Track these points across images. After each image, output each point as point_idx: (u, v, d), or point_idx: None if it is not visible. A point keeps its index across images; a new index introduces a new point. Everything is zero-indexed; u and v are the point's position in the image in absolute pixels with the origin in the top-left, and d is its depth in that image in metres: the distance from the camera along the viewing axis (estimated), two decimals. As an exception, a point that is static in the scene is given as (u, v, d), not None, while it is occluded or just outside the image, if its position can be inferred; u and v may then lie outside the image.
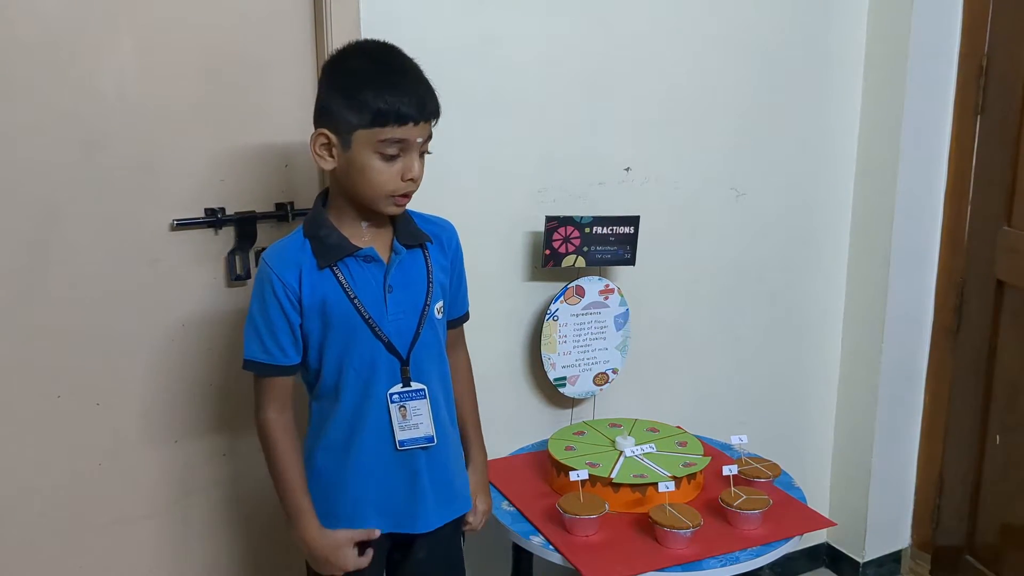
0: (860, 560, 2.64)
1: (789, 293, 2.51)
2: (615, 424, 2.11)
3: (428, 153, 1.50)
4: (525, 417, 2.19)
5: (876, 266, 2.47)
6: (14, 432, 1.75)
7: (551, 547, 1.72)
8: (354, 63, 1.47)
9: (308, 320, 1.51)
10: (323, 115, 1.46)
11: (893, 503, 2.65)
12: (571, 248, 2.06)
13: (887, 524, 2.65)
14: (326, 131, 1.45)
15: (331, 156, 1.46)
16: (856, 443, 2.60)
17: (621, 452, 1.95)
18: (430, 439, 1.57)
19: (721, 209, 2.34)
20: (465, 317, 1.73)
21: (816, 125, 2.43)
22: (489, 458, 1.79)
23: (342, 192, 1.51)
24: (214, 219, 1.83)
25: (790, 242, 2.47)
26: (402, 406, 1.55)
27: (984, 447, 2.41)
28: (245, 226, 1.86)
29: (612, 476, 1.84)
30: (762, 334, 2.49)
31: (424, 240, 1.58)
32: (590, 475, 1.81)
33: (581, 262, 2.08)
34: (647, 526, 1.75)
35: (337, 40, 1.81)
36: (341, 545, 1.55)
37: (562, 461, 1.89)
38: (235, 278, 1.86)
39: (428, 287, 1.57)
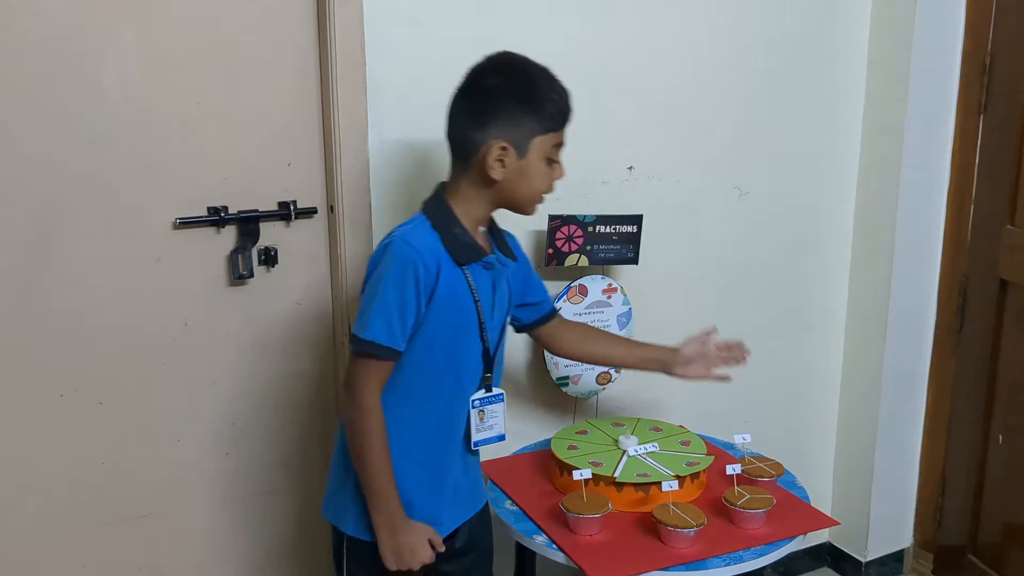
0: (863, 559, 2.64)
1: (792, 292, 2.50)
2: (618, 423, 2.11)
3: None
4: (528, 416, 2.19)
5: (879, 265, 2.47)
6: (16, 431, 1.75)
7: (555, 546, 1.72)
8: (525, 73, 1.53)
9: (431, 312, 1.52)
10: (501, 126, 1.50)
11: (896, 502, 2.64)
12: (574, 247, 2.05)
13: (890, 523, 2.65)
14: (504, 142, 1.50)
15: (503, 166, 1.51)
16: (859, 442, 2.59)
17: (624, 451, 1.95)
18: (502, 437, 1.68)
19: (724, 208, 2.34)
20: (555, 310, 1.85)
21: (819, 124, 2.43)
22: (492, 457, 1.79)
23: (486, 198, 1.56)
24: (217, 218, 1.83)
25: (793, 241, 2.47)
26: (481, 410, 1.63)
27: (987, 446, 2.41)
28: (248, 225, 1.86)
29: (615, 475, 1.84)
30: (765, 333, 2.48)
31: (513, 259, 1.66)
32: (593, 474, 1.81)
33: (584, 261, 2.07)
34: (651, 525, 1.74)
35: (340, 38, 1.81)
36: (425, 536, 1.56)
37: (565, 460, 1.89)
38: (238, 276, 1.86)
39: (508, 302, 1.68)
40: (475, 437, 1.65)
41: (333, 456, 1.67)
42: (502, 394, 1.67)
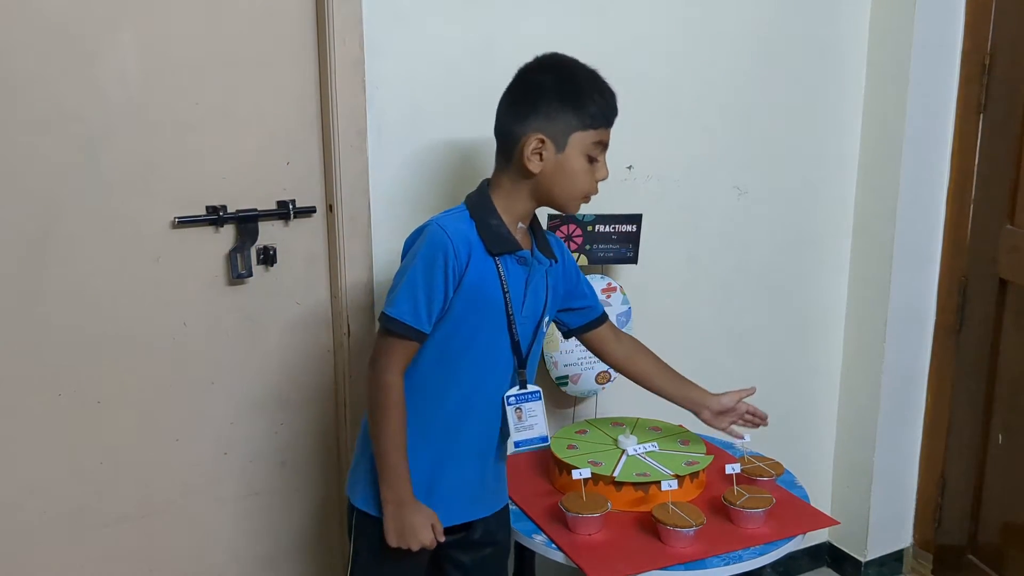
0: (862, 559, 2.64)
1: (791, 292, 2.50)
2: (617, 423, 2.11)
3: None
4: (527, 416, 2.18)
5: (878, 265, 2.47)
6: (15, 430, 1.75)
7: (554, 546, 1.72)
8: (571, 71, 1.57)
9: (459, 297, 1.54)
10: (540, 119, 1.53)
11: (895, 502, 2.64)
12: (573, 246, 2.05)
13: (889, 523, 2.65)
14: (542, 135, 1.52)
15: (540, 159, 1.53)
16: (858, 442, 2.59)
17: (623, 451, 1.95)
18: (545, 439, 1.67)
19: (723, 207, 2.34)
20: (604, 316, 1.85)
21: (818, 123, 2.43)
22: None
23: (526, 192, 1.58)
24: (215, 217, 1.82)
25: (792, 240, 2.47)
26: (518, 408, 1.63)
27: (986, 446, 2.41)
28: (246, 224, 1.85)
29: (615, 475, 1.84)
30: (764, 333, 2.48)
31: (552, 259, 1.66)
32: (593, 474, 1.81)
33: (583, 260, 2.07)
34: (650, 525, 1.74)
35: (339, 37, 1.81)
36: (428, 520, 1.57)
37: (564, 460, 1.88)
38: (236, 276, 1.86)
39: (545, 303, 1.66)
40: (515, 437, 1.64)
41: (359, 434, 1.69)
42: (539, 391, 1.66)
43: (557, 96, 1.53)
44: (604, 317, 1.86)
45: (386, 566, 1.63)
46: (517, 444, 1.65)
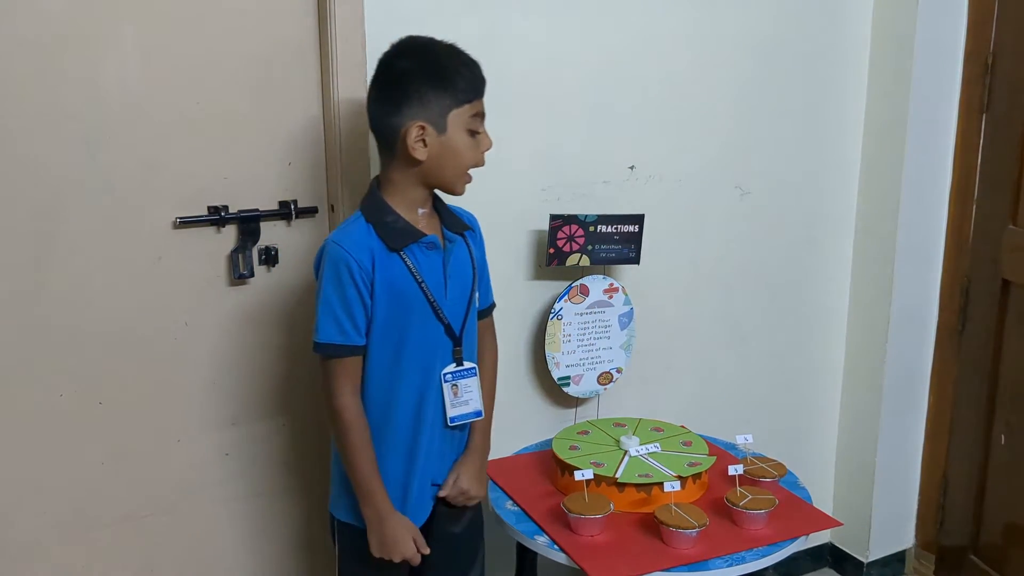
0: (864, 560, 2.63)
1: (793, 292, 2.50)
2: (619, 423, 2.10)
3: None
4: (529, 417, 2.18)
5: (881, 265, 2.47)
6: (16, 430, 1.74)
7: (556, 547, 1.72)
8: (431, 51, 1.56)
9: (377, 302, 1.55)
10: (414, 106, 1.52)
11: (897, 503, 2.64)
12: (575, 247, 2.05)
13: (891, 524, 2.64)
14: (421, 121, 1.51)
15: (425, 145, 1.53)
16: (860, 443, 2.59)
17: (626, 452, 1.94)
18: (479, 413, 1.68)
19: (725, 207, 2.33)
20: (491, 307, 1.79)
21: (821, 123, 2.42)
22: (493, 457, 1.78)
23: (415, 180, 1.58)
24: (217, 217, 1.82)
25: (794, 241, 2.46)
26: (454, 384, 1.64)
27: (989, 447, 2.41)
28: (248, 224, 1.85)
29: (617, 476, 1.83)
30: (766, 333, 2.48)
31: (465, 229, 1.66)
32: (595, 475, 1.80)
33: (585, 261, 2.07)
34: (652, 526, 1.74)
35: (341, 37, 1.81)
36: (410, 534, 1.60)
37: (566, 461, 1.88)
38: (238, 276, 1.85)
39: (473, 274, 1.67)
40: (450, 413, 1.65)
41: (332, 449, 1.71)
42: (474, 368, 1.67)
43: (425, 79, 1.52)
44: (488, 311, 1.78)
45: (371, 572, 1.65)
46: (452, 420, 1.65)
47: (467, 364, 1.66)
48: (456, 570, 1.76)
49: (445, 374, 1.63)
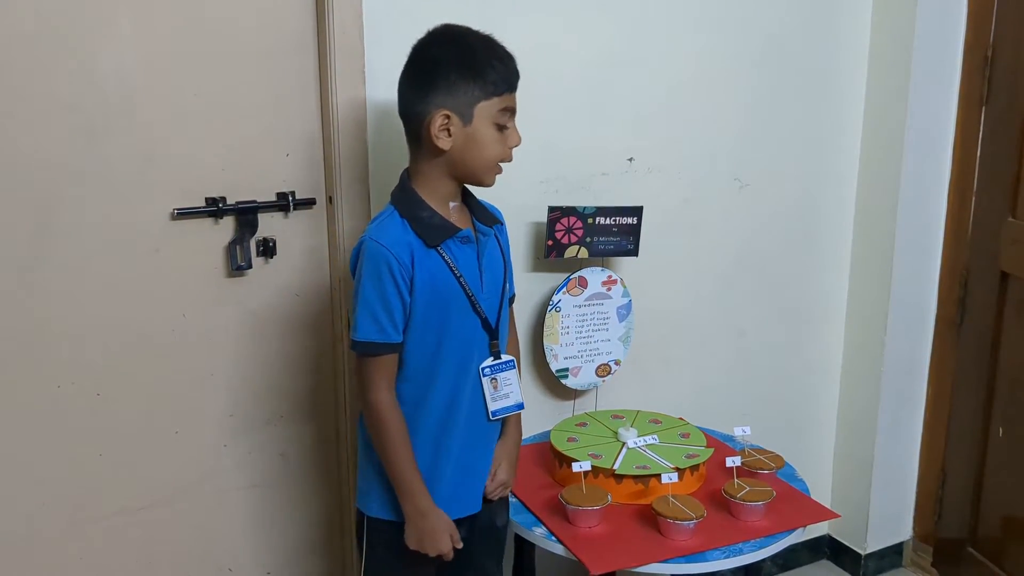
0: (862, 552, 2.64)
1: (792, 284, 2.50)
2: (618, 415, 2.11)
3: None
4: (527, 408, 2.16)
5: (879, 257, 2.46)
6: (14, 422, 1.74)
7: (554, 538, 1.72)
8: (465, 41, 1.54)
9: (416, 299, 1.54)
10: (441, 94, 1.50)
11: (895, 495, 2.64)
12: (574, 239, 2.05)
13: (889, 516, 2.65)
14: (447, 110, 1.49)
15: (449, 135, 1.51)
16: (858, 435, 2.59)
17: (624, 443, 1.95)
18: (520, 406, 1.68)
19: (724, 200, 2.33)
20: (513, 298, 1.79)
21: (820, 115, 2.42)
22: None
23: (443, 171, 1.56)
24: (215, 209, 1.82)
25: (793, 233, 2.46)
26: (493, 378, 1.64)
27: (987, 439, 2.41)
28: (246, 216, 1.85)
29: (615, 467, 1.84)
30: (765, 325, 2.48)
31: (495, 223, 1.67)
32: (593, 466, 1.81)
33: (584, 253, 2.07)
34: (650, 517, 1.74)
35: (339, 29, 1.80)
36: (447, 530, 1.59)
37: (564, 452, 1.88)
38: (236, 268, 1.85)
39: (505, 267, 1.68)
40: (491, 407, 1.65)
41: (359, 442, 1.70)
42: (512, 360, 1.67)
43: (456, 68, 1.50)
44: (511, 301, 1.78)
45: (402, 567, 1.64)
46: (494, 413, 1.65)
47: (504, 357, 1.65)
48: (493, 560, 1.77)
49: (484, 368, 1.63)
